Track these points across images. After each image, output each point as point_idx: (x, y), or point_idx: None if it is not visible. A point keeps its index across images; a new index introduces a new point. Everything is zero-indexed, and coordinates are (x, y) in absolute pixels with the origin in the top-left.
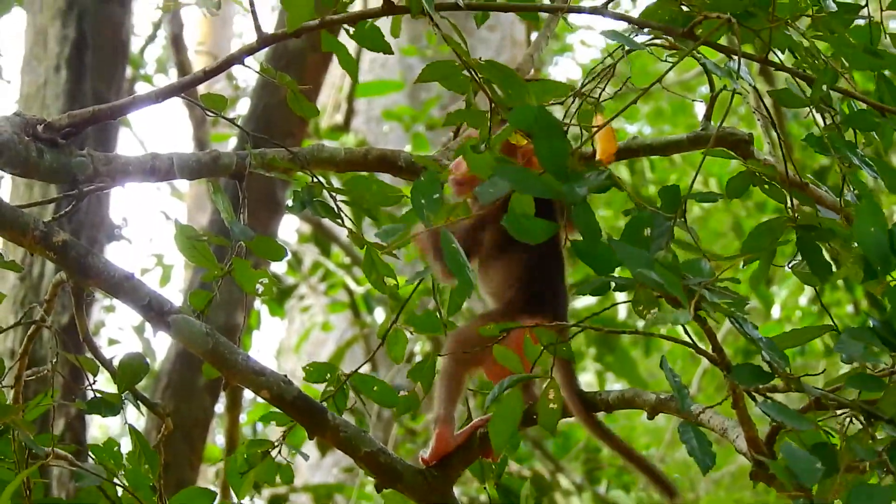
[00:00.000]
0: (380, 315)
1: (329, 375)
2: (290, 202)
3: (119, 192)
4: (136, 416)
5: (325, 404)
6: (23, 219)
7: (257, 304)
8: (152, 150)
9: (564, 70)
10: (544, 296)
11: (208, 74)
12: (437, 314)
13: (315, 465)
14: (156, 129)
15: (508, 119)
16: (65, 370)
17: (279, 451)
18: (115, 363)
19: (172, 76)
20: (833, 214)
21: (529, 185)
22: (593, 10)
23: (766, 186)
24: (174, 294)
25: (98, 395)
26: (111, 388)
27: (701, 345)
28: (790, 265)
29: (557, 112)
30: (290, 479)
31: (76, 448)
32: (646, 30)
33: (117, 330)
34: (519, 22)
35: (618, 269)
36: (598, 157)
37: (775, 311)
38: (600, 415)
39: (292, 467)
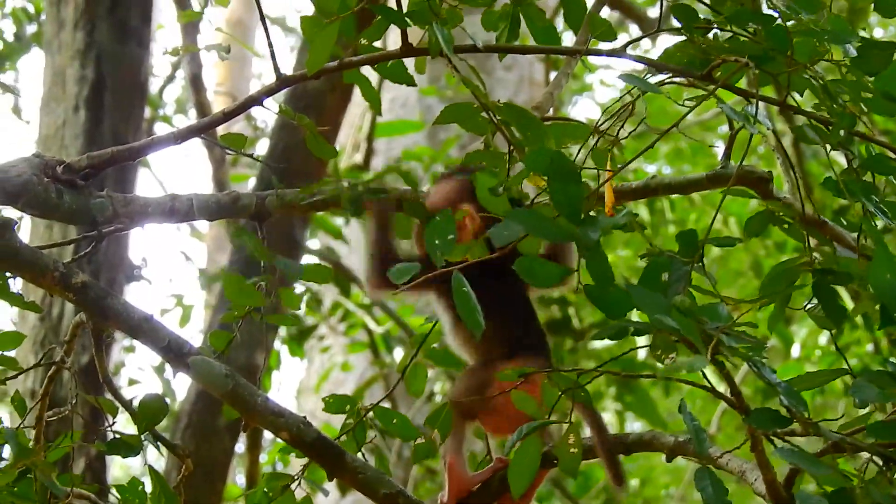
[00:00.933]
0: (399, 354)
1: (349, 408)
2: (304, 238)
3: (138, 232)
4: (156, 457)
5: (344, 438)
6: (42, 260)
7: (277, 344)
8: (171, 192)
9: (584, 110)
10: (523, 339)
11: (228, 115)
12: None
13: None
14: (175, 170)
15: (525, 162)
16: (85, 411)
17: (299, 484)
18: (135, 404)
19: (191, 117)
20: (851, 253)
21: (543, 229)
22: (612, 53)
23: (786, 226)
24: (194, 334)
25: (118, 436)
26: (131, 429)
27: (720, 387)
28: (806, 308)
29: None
30: None
31: (98, 488)
32: (664, 72)
33: (137, 370)
34: (537, 62)
35: (636, 313)
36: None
37: (795, 350)
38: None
39: (313, 502)
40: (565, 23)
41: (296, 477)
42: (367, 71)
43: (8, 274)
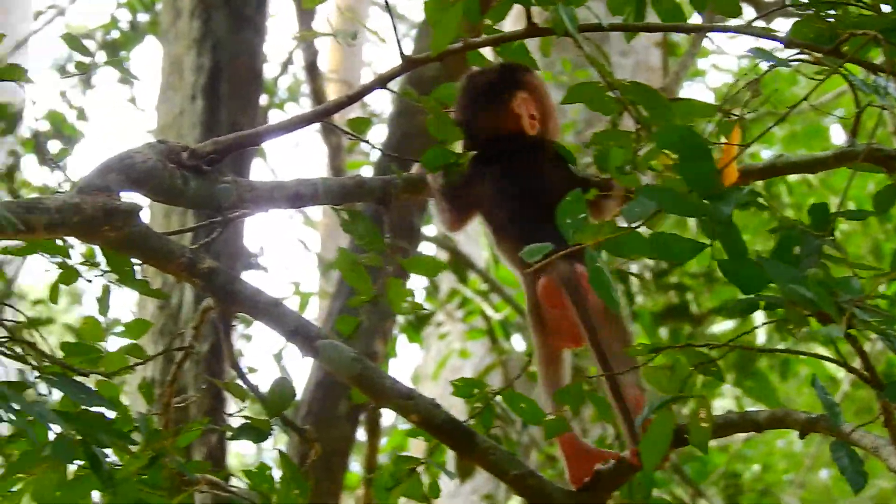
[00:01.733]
0: (517, 341)
1: (477, 391)
2: (421, 224)
3: (254, 220)
4: (273, 444)
5: (472, 422)
6: (169, 246)
7: (395, 331)
8: (298, 177)
9: (696, 94)
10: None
11: (352, 99)
12: None
13: (453, 493)
14: (287, 161)
15: (654, 139)
16: (206, 397)
17: (427, 468)
18: (260, 390)
19: (305, 104)
20: None
21: (677, 205)
22: (739, 29)
23: None
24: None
25: (247, 420)
26: (253, 416)
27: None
28: None
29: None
30: (437, 495)
31: (227, 474)
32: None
33: (256, 359)
34: (653, 47)
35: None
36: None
37: None
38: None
39: (439, 485)
40: (689, 3)
41: (423, 459)
42: (487, 55)
43: (133, 261)
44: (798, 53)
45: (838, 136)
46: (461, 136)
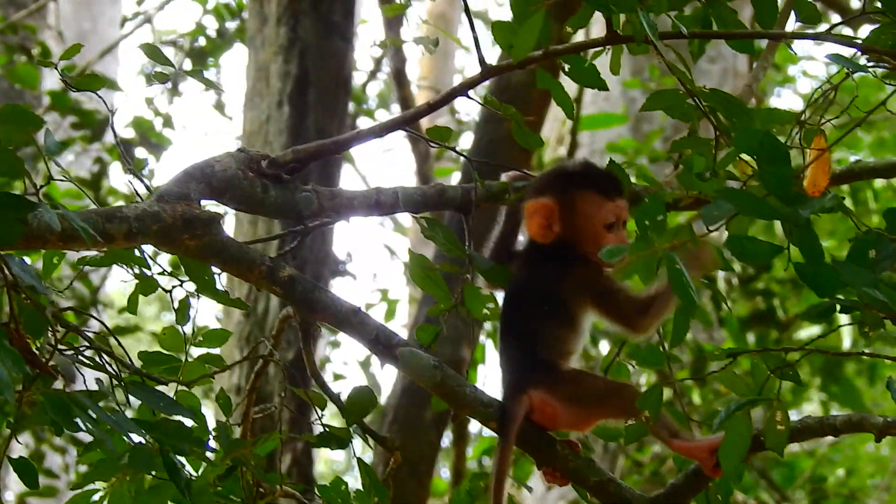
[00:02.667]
0: (604, 348)
1: None
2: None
3: (343, 227)
4: (361, 451)
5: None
6: (249, 254)
7: (482, 337)
8: (377, 186)
9: (786, 101)
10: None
11: (433, 107)
12: (661, 347)
13: (540, 499)
14: (377, 166)
15: (733, 143)
16: (292, 405)
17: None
18: (343, 398)
19: (394, 111)
20: None
21: (754, 208)
22: (817, 36)
23: None
24: (398, 329)
25: (327, 429)
26: (337, 424)
27: None
28: None
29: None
30: None
31: (304, 487)
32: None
33: (342, 365)
34: (741, 53)
35: (842, 295)
36: (805, 185)
37: None
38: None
39: (519, 500)
40: (756, 22)
41: None
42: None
43: (214, 270)
44: (878, 61)
45: None
46: (542, 143)
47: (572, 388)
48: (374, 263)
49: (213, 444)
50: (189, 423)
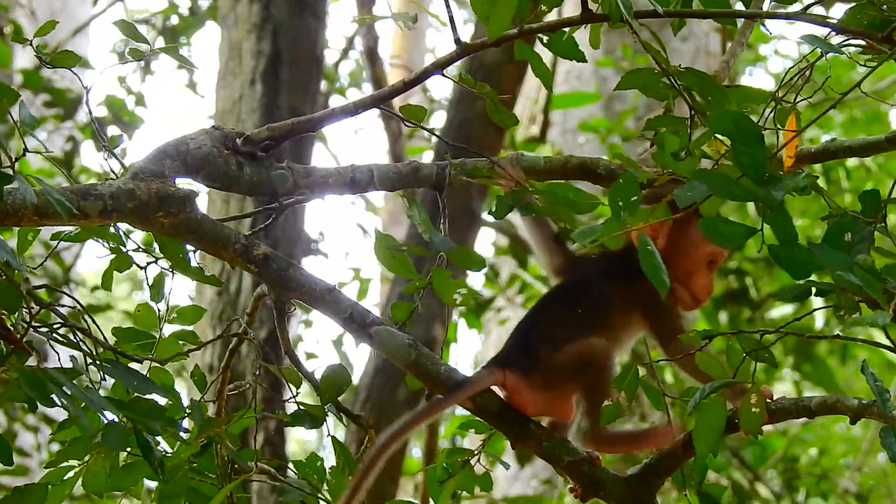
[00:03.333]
0: None
1: None
2: (492, 208)
3: (314, 206)
4: (333, 430)
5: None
6: (224, 232)
7: (455, 316)
8: (351, 163)
9: (758, 80)
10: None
11: (407, 85)
12: None
13: (514, 477)
14: (349, 145)
15: (708, 124)
16: (265, 384)
17: (478, 460)
18: (317, 376)
19: (366, 90)
20: None
21: (728, 190)
22: (792, 15)
23: None
24: (370, 308)
25: (301, 407)
26: (310, 403)
27: None
28: None
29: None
30: (489, 487)
31: (278, 463)
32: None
33: (315, 344)
34: (713, 32)
35: (816, 276)
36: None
37: None
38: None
39: (491, 477)
40: None
41: (476, 451)
42: (539, 48)
43: (188, 248)
44: (849, 39)
45: None
46: (517, 121)
47: (545, 376)
48: (346, 242)
49: (187, 422)
50: (163, 400)
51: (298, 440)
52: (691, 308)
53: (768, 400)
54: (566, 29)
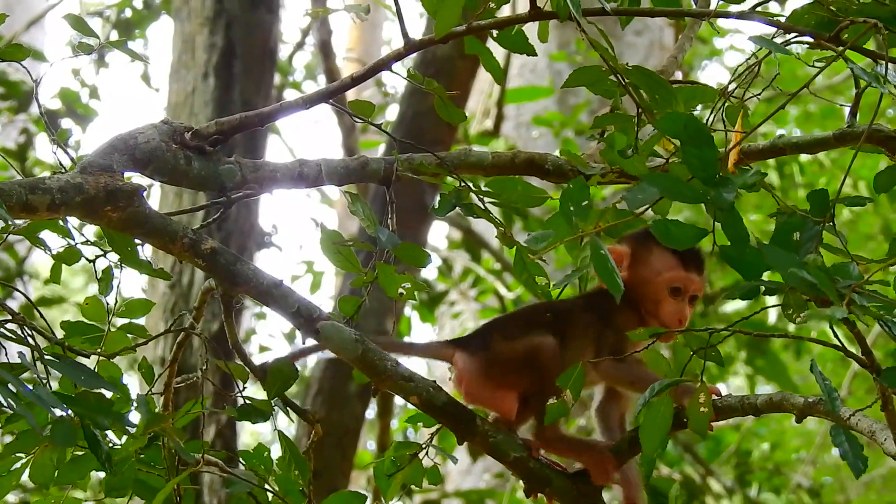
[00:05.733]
0: None
1: None
2: (436, 204)
3: (269, 199)
4: (286, 424)
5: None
6: (172, 226)
7: (408, 310)
8: (301, 157)
9: (714, 74)
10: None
11: (356, 80)
12: None
13: (466, 471)
14: (305, 138)
15: (657, 125)
16: (215, 378)
17: (426, 453)
18: (262, 371)
19: (321, 83)
20: None
21: (678, 192)
22: (740, 15)
23: None
24: (325, 301)
25: (248, 401)
26: (262, 397)
27: (851, 348)
28: None
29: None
30: (437, 481)
31: (227, 455)
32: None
33: (268, 337)
34: (668, 26)
35: (767, 274)
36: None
37: None
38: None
39: (442, 472)
40: None
41: (424, 445)
42: (491, 43)
43: (137, 241)
44: (797, 36)
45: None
46: (464, 117)
47: (490, 360)
48: (300, 236)
49: (135, 415)
50: (110, 394)
51: (253, 433)
52: (669, 340)
53: (715, 397)
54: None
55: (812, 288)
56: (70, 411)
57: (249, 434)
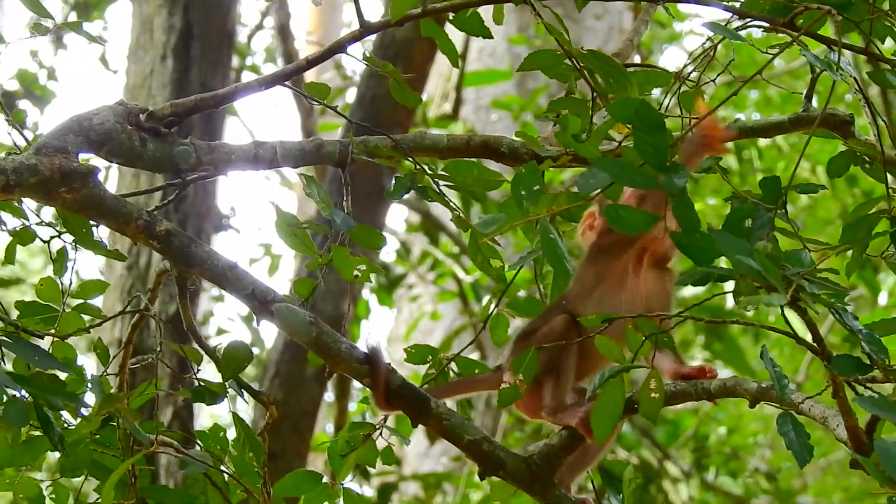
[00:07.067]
0: None
1: (431, 358)
2: (391, 187)
3: (227, 182)
4: (245, 407)
5: (427, 388)
6: (126, 208)
7: (366, 293)
8: (257, 140)
9: (672, 59)
10: None
11: (311, 63)
12: (541, 299)
13: (423, 454)
14: (265, 119)
15: (609, 112)
16: (172, 360)
17: (380, 434)
18: (218, 353)
19: (281, 66)
20: None
21: (629, 177)
22: (693, 0)
23: (867, 166)
24: (283, 284)
25: (202, 383)
26: (219, 378)
27: (807, 335)
28: (883, 255)
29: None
30: (392, 461)
31: (184, 436)
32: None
33: (226, 319)
34: (627, 10)
35: (725, 260)
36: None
37: (882, 299)
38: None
39: (400, 455)
40: None
41: (377, 426)
42: (451, 27)
43: (93, 223)
44: (752, 23)
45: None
46: (420, 100)
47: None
48: (259, 218)
49: (90, 396)
50: (65, 375)
51: (213, 415)
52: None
53: (668, 382)
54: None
55: (758, 275)
56: (24, 392)
57: (208, 416)
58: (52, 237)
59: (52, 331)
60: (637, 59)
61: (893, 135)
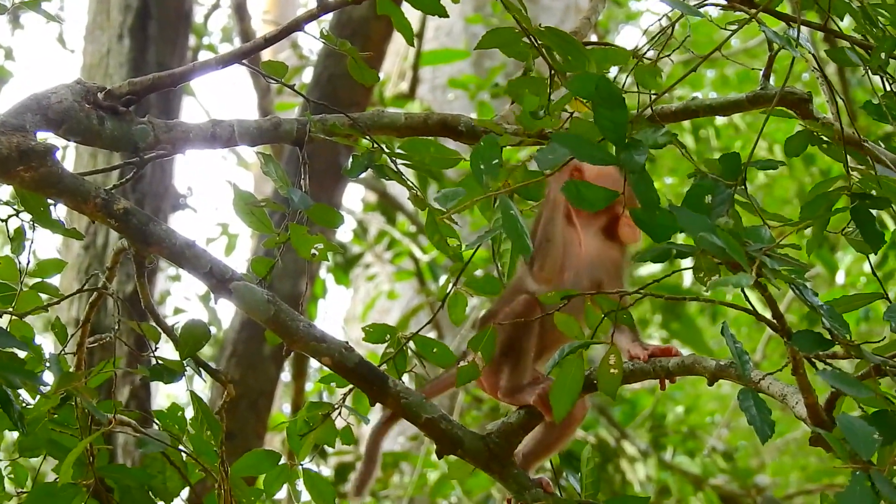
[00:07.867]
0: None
1: (389, 337)
2: (348, 165)
3: (185, 161)
4: (202, 387)
5: (385, 368)
6: (84, 186)
7: (323, 272)
8: (214, 118)
9: (629, 38)
10: None
11: (269, 41)
12: (498, 277)
13: None
14: (222, 99)
15: (568, 87)
16: (130, 339)
17: (339, 414)
18: (175, 332)
19: (237, 45)
20: (892, 173)
21: (589, 153)
22: None
23: (825, 145)
24: (240, 263)
25: (160, 362)
26: (176, 357)
27: (763, 312)
28: (843, 232)
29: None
30: (352, 442)
31: (141, 416)
32: None
33: (183, 299)
34: None
35: (681, 237)
36: None
37: (840, 277)
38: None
39: (357, 434)
40: None
41: (336, 405)
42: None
43: (50, 201)
44: (712, 2)
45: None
46: (377, 78)
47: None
48: (216, 197)
49: (48, 374)
50: (23, 354)
51: (170, 395)
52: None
53: (626, 360)
54: None
55: (721, 251)
56: None
57: (166, 396)
58: (9, 216)
59: (10, 309)
60: (594, 39)
61: (851, 113)
